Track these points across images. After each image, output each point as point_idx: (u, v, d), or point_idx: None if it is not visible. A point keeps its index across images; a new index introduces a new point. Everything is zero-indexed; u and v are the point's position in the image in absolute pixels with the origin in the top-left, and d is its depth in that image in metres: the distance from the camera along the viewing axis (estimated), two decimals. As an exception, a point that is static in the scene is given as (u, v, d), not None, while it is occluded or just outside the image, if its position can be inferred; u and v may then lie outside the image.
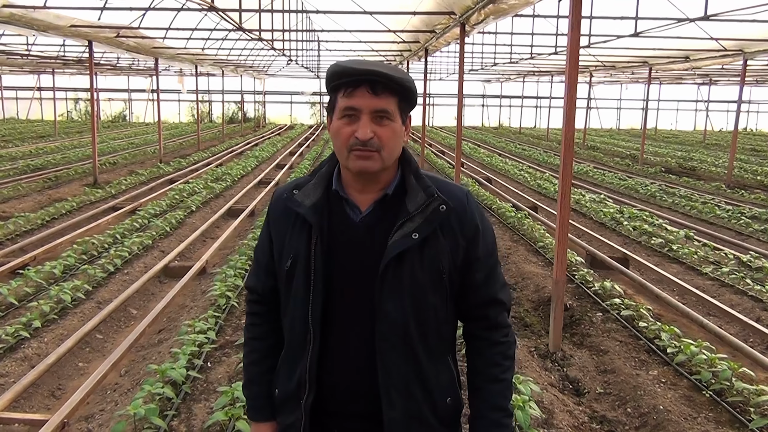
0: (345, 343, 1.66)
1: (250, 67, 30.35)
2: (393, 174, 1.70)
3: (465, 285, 1.71)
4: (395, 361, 1.62)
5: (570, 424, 4.10)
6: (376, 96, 1.58)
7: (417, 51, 16.58)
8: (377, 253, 1.61)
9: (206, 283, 7.03)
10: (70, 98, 41.43)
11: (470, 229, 1.68)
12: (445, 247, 1.64)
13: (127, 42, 14.68)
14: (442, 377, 1.71)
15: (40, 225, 9.79)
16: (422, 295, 1.63)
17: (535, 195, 13.86)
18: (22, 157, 18.70)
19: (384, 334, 1.61)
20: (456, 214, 1.67)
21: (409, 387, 1.64)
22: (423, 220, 1.62)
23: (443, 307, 1.68)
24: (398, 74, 1.59)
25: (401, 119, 1.64)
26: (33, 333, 5.51)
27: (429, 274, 1.63)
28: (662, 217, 10.94)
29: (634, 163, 20.12)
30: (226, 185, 14.15)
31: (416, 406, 1.65)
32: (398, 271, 1.61)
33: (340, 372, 1.67)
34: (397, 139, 1.63)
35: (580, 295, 6.82)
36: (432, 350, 1.67)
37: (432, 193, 1.66)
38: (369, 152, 1.59)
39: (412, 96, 1.64)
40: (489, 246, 1.73)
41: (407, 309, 1.62)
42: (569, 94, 4.92)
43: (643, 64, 19.82)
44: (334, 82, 1.62)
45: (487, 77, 36.52)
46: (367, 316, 1.63)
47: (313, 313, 1.64)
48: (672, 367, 5.00)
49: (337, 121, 1.63)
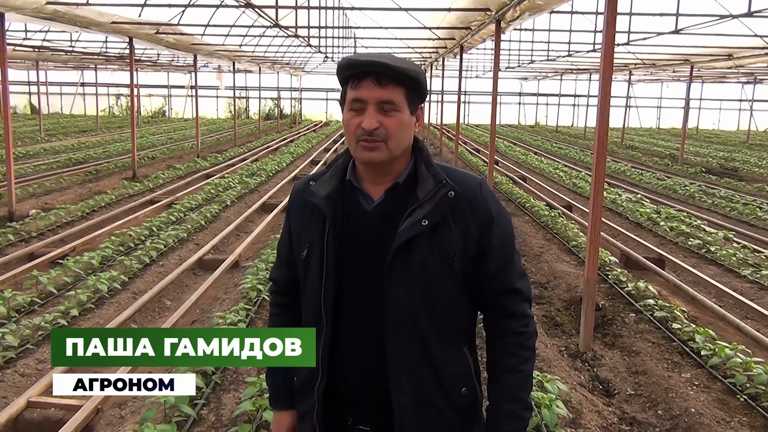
0: (357, 331, 1.68)
1: (287, 64, 30.59)
2: (405, 163, 1.72)
3: (480, 274, 1.70)
4: (404, 347, 1.63)
5: (598, 424, 4.05)
6: (381, 87, 1.59)
7: (452, 48, 16.51)
8: (388, 241, 1.62)
9: (239, 276, 7.12)
10: (112, 94, 42.39)
11: (483, 217, 1.67)
12: (455, 234, 1.64)
13: (167, 38, 14.95)
14: (456, 366, 1.69)
15: (80, 217, 10.04)
16: (432, 282, 1.63)
17: (570, 194, 13.69)
18: (65, 150, 19.20)
19: (393, 321, 1.62)
20: (467, 201, 1.66)
21: (418, 373, 1.63)
22: (432, 206, 1.63)
23: (455, 295, 1.67)
24: (403, 65, 1.60)
25: (410, 110, 1.65)
26: (70, 321, 5.66)
27: (439, 261, 1.63)
28: (701, 218, 10.71)
29: (674, 163, 19.72)
30: (261, 180, 14.31)
31: (427, 394, 1.64)
32: (407, 258, 1.61)
33: (352, 359, 1.68)
34: (404, 130, 1.64)
35: (613, 295, 6.72)
36: (443, 338, 1.67)
37: (441, 179, 1.66)
38: (375, 142, 1.61)
39: (420, 86, 1.65)
40: (505, 235, 1.72)
41: (416, 295, 1.62)
42: (604, 91, 4.85)
43: (684, 62, 19.38)
44: (342, 75, 1.65)
45: (524, 75, 36.15)
46: (378, 304, 1.64)
47: (326, 301, 1.67)
48: (705, 369, 4.90)
49: (346, 113, 1.66)
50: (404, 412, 1.63)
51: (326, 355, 1.67)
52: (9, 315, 5.63)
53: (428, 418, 1.65)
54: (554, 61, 22.60)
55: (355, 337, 1.68)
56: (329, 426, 1.72)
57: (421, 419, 1.64)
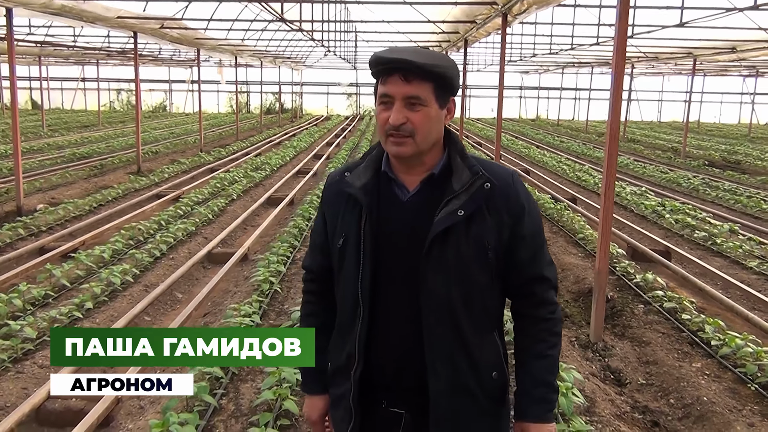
0: (393, 318, 1.72)
1: (288, 58, 30.58)
2: (439, 155, 1.75)
3: (511, 263, 1.74)
4: (440, 335, 1.67)
5: (612, 412, 4.11)
6: (408, 83, 1.62)
7: (456, 42, 16.51)
8: (424, 231, 1.66)
9: (248, 269, 7.17)
10: (112, 89, 42.42)
11: (516, 208, 1.71)
12: (490, 224, 1.68)
13: (171, 33, 14.95)
14: (488, 352, 1.74)
15: (87, 211, 10.09)
16: (467, 271, 1.68)
17: (575, 187, 13.73)
18: (69, 145, 19.24)
19: (430, 309, 1.66)
20: (501, 192, 1.70)
21: (454, 360, 1.68)
22: (468, 197, 1.67)
23: (489, 284, 1.72)
24: (431, 60, 1.61)
25: (438, 104, 1.67)
26: (86, 314, 5.72)
27: (474, 251, 1.68)
28: (705, 210, 10.76)
29: (676, 156, 19.75)
30: (266, 174, 14.35)
31: (461, 379, 1.69)
32: (444, 248, 1.65)
33: (388, 346, 1.73)
34: (431, 124, 1.67)
35: (621, 287, 6.77)
36: (477, 325, 1.71)
37: (477, 171, 1.70)
38: (402, 138, 1.65)
39: (448, 81, 1.67)
40: (535, 225, 1.76)
41: (452, 284, 1.66)
42: (616, 85, 4.88)
43: (687, 55, 19.38)
44: (373, 70, 1.68)
45: (526, 68, 36.15)
46: (414, 292, 1.68)
47: (363, 289, 1.71)
48: (716, 359, 4.96)
49: (378, 106, 1.69)
50: (440, 396, 1.68)
51: (363, 341, 1.72)
52: (25, 308, 5.68)
53: (462, 402, 1.70)
54: (557, 55, 22.59)
55: (391, 324, 1.72)
56: (364, 410, 1.76)
57: (456, 403, 1.69)
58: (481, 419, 1.75)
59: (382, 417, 1.77)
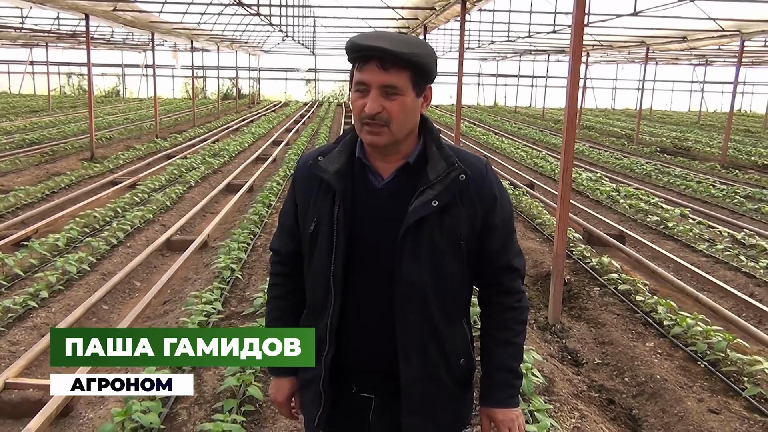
0: (364, 305, 1.73)
1: (246, 43, 30.14)
2: (414, 143, 1.75)
3: (482, 252, 1.77)
4: (413, 323, 1.69)
5: (570, 392, 4.22)
6: (385, 71, 1.59)
7: (415, 28, 16.53)
8: (398, 219, 1.67)
9: (208, 257, 7.10)
10: (63, 72, 41.13)
11: (489, 198, 1.74)
12: (463, 215, 1.70)
13: (124, 16, 14.60)
14: (457, 339, 1.78)
15: (39, 198, 9.80)
16: (440, 261, 1.70)
17: (532, 173, 13.94)
18: (17, 131, 18.60)
19: (403, 297, 1.68)
20: (475, 183, 1.72)
21: (425, 348, 1.71)
22: (443, 188, 1.68)
23: (460, 273, 1.75)
24: (408, 49, 1.59)
25: (415, 92, 1.66)
26: (41, 303, 5.58)
27: (447, 241, 1.70)
28: (658, 195, 11.07)
29: (630, 143, 20.21)
30: (224, 161, 14.17)
31: (432, 367, 1.73)
32: (417, 237, 1.67)
33: (359, 332, 1.74)
34: (407, 113, 1.66)
35: (578, 270, 6.94)
36: (449, 313, 1.75)
37: (452, 162, 1.71)
38: (378, 127, 1.64)
39: (426, 69, 1.66)
40: (506, 215, 1.80)
41: (425, 273, 1.68)
42: (573, 71, 4.98)
43: (640, 43, 19.83)
44: (349, 56, 1.66)
45: (483, 56, 36.39)
46: (387, 280, 1.69)
47: (335, 275, 1.71)
48: (668, 339, 5.14)
49: (353, 93, 1.67)
50: (411, 383, 1.71)
51: (334, 327, 1.72)
52: (-24, 298, 5.52)
53: (432, 389, 1.74)
54: (514, 42, 22.82)
55: (363, 311, 1.73)
56: (333, 394, 1.78)
57: (426, 390, 1.73)
58: (449, 404, 1.79)
59: (352, 401, 1.79)
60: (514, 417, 1.81)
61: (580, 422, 3.77)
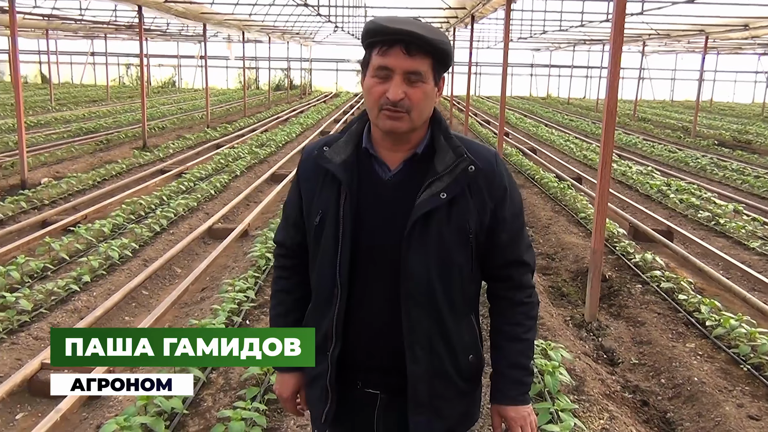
0: (371, 299, 1.69)
1: (297, 34, 30.35)
2: (423, 134, 1.70)
3: (491, 245, 1.72)
4: (419, 318, 1.65)
5: (601, 392, 4.10)
6: (410, 57, 1.56)
7: (463, 18, 16.33)
8: (405, 212, 1.63)
9: (248, 245, 7.19)
10: (122, 63, 42.35)
11: (498, 191, 1.68)
12: (472, 207, 1.65)
13: (176, 7, 14.88)
14: (465, 335, 1.73)
15: (91, 185, 10.12)
16: (448, 254, 1.65)
17: (581, 166, 13.63)
18: (76, 120, 19.25)
19: (409, 292, 1.64)
20: (484, 175, 1.67)
21: (432, 343, 1.67)
22: (451, 180, 1.63)
23: (468, 267, 1.70)
24: (434, 35, 1.56)
25: (434, 80, 1.62)
26: (83, 287, 5.75)
27: (455, 234, 1.65)
28: (711, 190, 10.66)
29: (686, 136, 19.54)
30: (271, 151, 14.32)
31: (439, 363, 1.68)
32: (425, 230, 1.62)
33: (365, 326, 1.70)
34: (427, 101, 1.62)
35: (620, 266, 6.74)
36: (456, 308, 1.70)
37: (461, 153, 1.66)
38: (399, 113, 1.59)
39: (447, 58, 1.62)
40: (516, 208, 1.74)
41: (432, 267, 1.64)
42: (613, 60, 4.80)
43: (699, 32, 19.08)
44: (369, 39, 1.60)
45: (536, 46, 35.74)
46: (393, 273, 1.65)
47: (341, 270, 1.67)
48: (710, 340, 4.94)
49: (370, 79, 1.62)
50: (418, 379, 1.67)
51: (340, 321, 1.69)
52: (22, 280, 5.71)
53: (440, 385, 1.69)
54: (567, 32, 22.31)
55: (369, 305, 1.69)
56: (339, 390, 1.75)
57: (434, 386, 1.68)
58: (457, 400, 1.75)
59: (358, 398, 1.76)
60: (525, 414, 1.76)
61: (609, 423, 3.65)
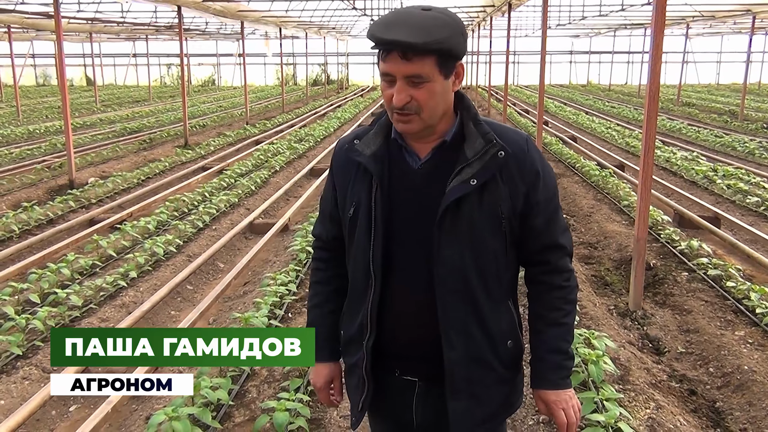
0: (405, 287, 1.70)
1: (333, 29, 30.47)
2: (451, 121, 1.70)
3: (526, 230, 1.71)
4: (454, 304, 1.65)
5: (647, 381, 4.03)
6: (408, 61, 1.53)
7: (500, 6, 16.14)
8: (436, 200, 1.63)
9: (288, 239, 7.26)
10: (163, 64, 43.18)
11: (530, 175, 1.67)
12: (504, 192, 1.64)
13: (214, 6, 15.08)
14: (503, 321, 1.73)
15: (136, 184, 10.38)
16: (481, 241, 1.65)
17: (623, 153, 13.36)
18: (120, 120, 19.74)
19: (443, 279, 1.64)
20: (515, 159, 1.66)
21: (468, 329, 1.67)
22: (481, 166, 1.62)
23: (503, 253, 1.69)
24: (429, 36, 1.51)
25: (443, 75, 1.59)
26: (130, 283, 5.91)
27: (488, 220, 1.64)
28: (760, 175, 10.33)
29: (733, 120, 18.97)
30: (309, 146, 14.43)
31: (476, 349, 1.68)
32: (456, 217, 1.62)
33: (401, 315, 1.71)
34: (437, 99, 1.60)
35: (665, 254, 6.59)
36: (492, 294, 1.69)
37: (491, 139, 1.65)
38: (407, 116, 1.59)
39: (451, 52, 1.56)
40: (550, 191, 1.72)
41: (466, 254, 1.64)
42: (655, 43, 4.69)
43: (746, 12, 18.47)
44: (371, 45, 1.60)
45: (575, 32, 35.13)
46: (427, 261, 1.66)
47: (375, 258, 1.69)
48: (760, 327, 4.80)
49: (381, 82, 1.64)
50: (455, 366, 1.67)
51: (375, 311, 1.71)
52: (72, 277, 5.91)
53: (478, 371, 1.69)
54: (607, 17, 21.85)
55: (404, 293, 1.70)
56: (377, 378, 1.77)
57: (471, 372, 1.69)
58: (497, 387, 1.74)
59: (396, 385, 1.78)
60: (567, 398, 1.75)
61: (656, 413, 3.58)
